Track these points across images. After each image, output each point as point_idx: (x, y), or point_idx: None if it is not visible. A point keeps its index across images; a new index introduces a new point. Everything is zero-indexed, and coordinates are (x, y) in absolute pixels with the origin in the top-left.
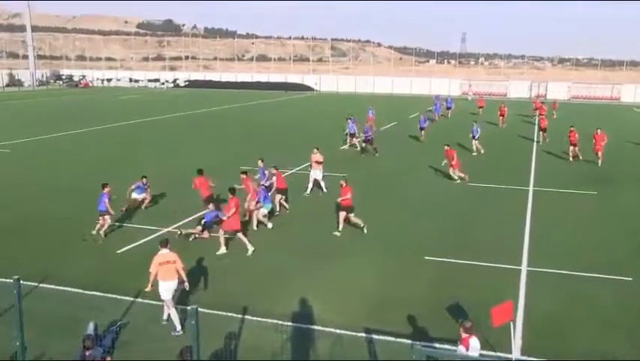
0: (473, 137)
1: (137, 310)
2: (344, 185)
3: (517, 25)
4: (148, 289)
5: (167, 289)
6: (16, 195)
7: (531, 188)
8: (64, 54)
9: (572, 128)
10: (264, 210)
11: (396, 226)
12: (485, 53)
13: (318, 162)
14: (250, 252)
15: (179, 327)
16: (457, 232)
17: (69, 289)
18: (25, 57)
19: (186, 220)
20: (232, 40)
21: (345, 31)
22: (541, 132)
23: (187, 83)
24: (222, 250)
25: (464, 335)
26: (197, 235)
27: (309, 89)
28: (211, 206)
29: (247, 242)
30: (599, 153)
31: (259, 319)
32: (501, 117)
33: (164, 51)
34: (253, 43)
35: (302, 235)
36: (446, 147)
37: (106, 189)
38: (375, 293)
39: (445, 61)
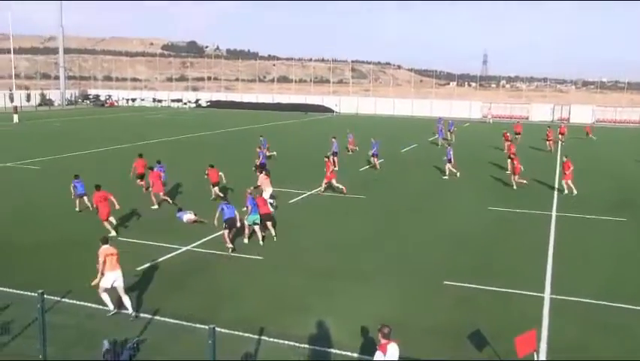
0: (449, 160)
1: (155, 327)
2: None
3: (540, 48)
4: (94, 283)
5: (111, 279)
6: (43, 212)
7: (554, 213)
8: (92, 75)
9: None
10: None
11: (415, 249)
12: (507, 76)
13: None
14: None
15: (130, 310)
16: (477, 256)
17: (89, 304)
18: (57, 78)
19: (209, 238)
20: (254, 62)
21: (365, 53)
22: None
23: (209, 103)
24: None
25: (383, 341)
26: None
27: (329, 110)
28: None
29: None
30: (568, 182)
31: (276, 340)
32: (550, 141)
33: (187, 72)
34: (274, 65)
35: (317, 254)
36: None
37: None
38: (393, 317)
39: (466, 83)
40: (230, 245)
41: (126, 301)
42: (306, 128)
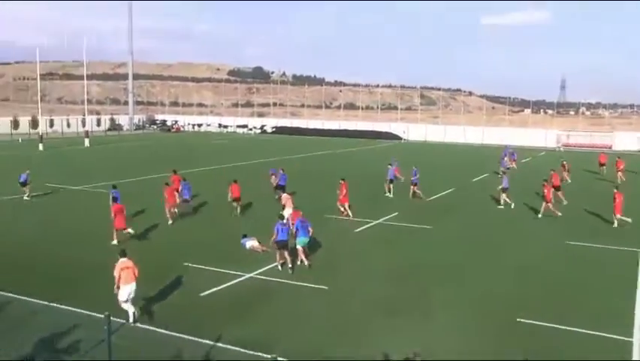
0: (504, 189)
1: (217, 354)
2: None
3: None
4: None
5: (127, 291)
6: (111, 232)
7: None
8: (159, 100)
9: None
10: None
11: (485, 282)
12: (587, 102)
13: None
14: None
15: (132, 319)
16: (554, 292)
17: (153, 328)
18: (126, 103)
19: (272, 265)
20: (320, 88)
21: (434, 79)
22: None
23: (274, 129)
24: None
25: None
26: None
27: (396, 137)
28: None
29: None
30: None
31: None
32: (620, 172)
33: (253, 97)
34: (341, 91)
35: (381, 285)
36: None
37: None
38: (461, 357)
39: (541, 110)
40: (281, 261)
41: (131, 310)
42: (372, 156)
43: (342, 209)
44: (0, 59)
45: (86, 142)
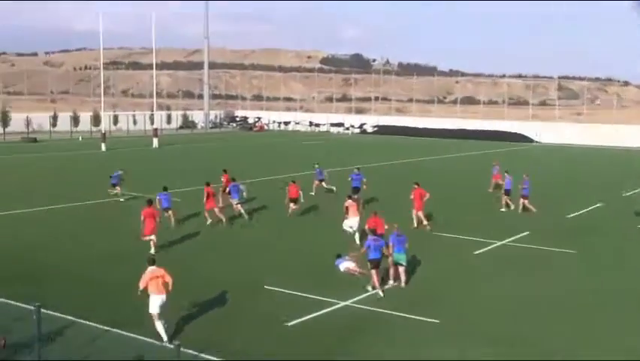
0: (523, 195)
1: None
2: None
3: None
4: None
5: (158, 303)
6: (186, 251)
7: None
8: (239, 93)
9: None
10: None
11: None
12: None
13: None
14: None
15: (165, 338)
16: None
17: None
18: (201, 97)
19: (373, 291)
20: (431, 79)
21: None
22: None
23: (376, 128)
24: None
25: None
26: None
27: (526, 139)
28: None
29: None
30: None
31: None
32: None
33: (351, 90)
34: (457, 82)
35: (506, 320)
36: None
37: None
38: None
39: None
40: (379, 290)
41: (160, 328)
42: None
43: (419, 219)
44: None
45: (155, 142)
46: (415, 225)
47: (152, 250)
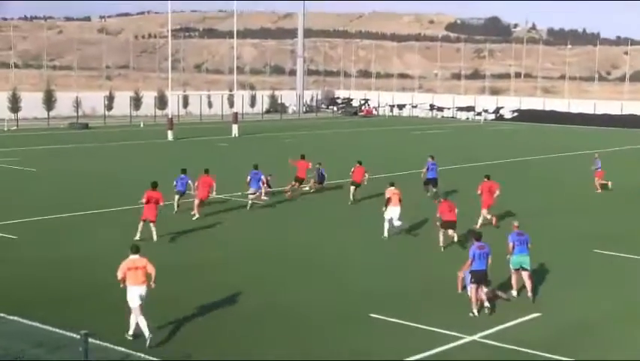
0: None
1: None
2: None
3: None
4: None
5: (137, 294)
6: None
7: None
8: (342, 68)
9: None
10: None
11: None
12: None
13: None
14: None
15: (147, 333)
16: None
17: None
18: (293, 74)
19: (509, 324)
20: (591, 49)
21: None
22: None
23: (515, 113)
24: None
25: None
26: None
27: None
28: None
29: None
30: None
31: None
32: None
33: (484, 65)
34: (627, 54)
35: None
36: None
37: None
38: None
39: None
40: (475, 310)
41: (142, 322)
42: None
43: (487, 217)
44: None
45: (234, 130)
46: (478, 225)
47: (137, 237)
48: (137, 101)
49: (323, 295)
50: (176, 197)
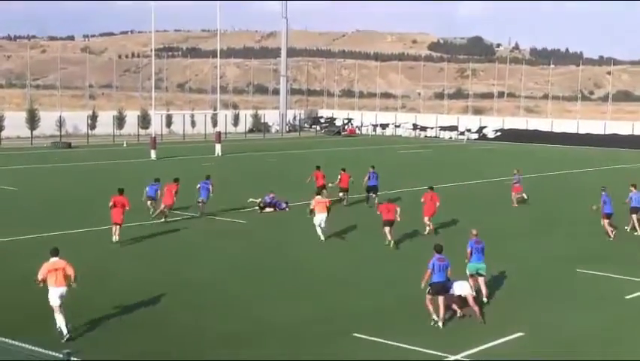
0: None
1: None
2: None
3: None
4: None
5: (57, 295)
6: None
7: None
8: (325, 87)
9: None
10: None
11: None
12: None
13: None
14: None
15: (65, 331)
16: None
17: None
18: (276, 93)
19: (501, 340)
20: (574, 69)
21: None
22: None
23: (498, 133)
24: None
25: None
26: None
27: None
28: None
29: None
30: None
31: None
32: None
33: (467, 84)
34: (609, 73)
35: None
36: None
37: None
38: None
39: None
40: (436, 318)
41: (61, 320)
42: None
43: (428, 224)
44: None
45: (217, 149)
46: (427, 232)
47: (115, 238)
48: (120, 121)
49: (306, 313)
50: (148, 202)
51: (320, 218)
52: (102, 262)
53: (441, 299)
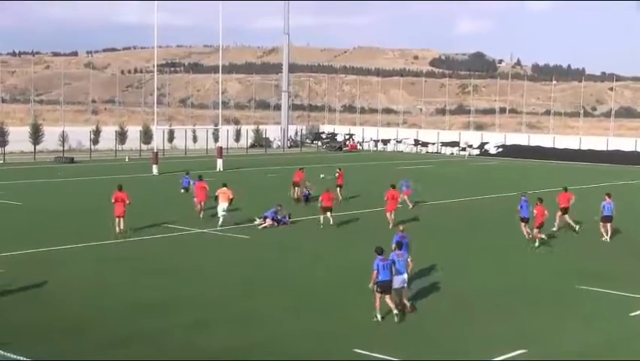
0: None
1: None
2: None
3: None
4: None
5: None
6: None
7: None
8: (326, 103)
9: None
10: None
11: None
12: None
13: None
14: None
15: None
16: None
17: None
18: (277, 108)
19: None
20: (576, 85)
21: None
22: None
23: (500, 149)
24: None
25: None
26: None
27: None
28: None
29: None
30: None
31: None
32: None
33: (469, 100)
34: (612, 90)
35: None
36: None
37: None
38: None
39: None
40: (378, 314)
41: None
42: None
43: (390, 218)
44: (102, 44)
45: (219, 164)
46: (391, 226)
47: (118, 229)
48: (122, 136)
49: (306, 328)
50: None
51: (222, 206)
52: (100, 276)
53: (388, 297)
